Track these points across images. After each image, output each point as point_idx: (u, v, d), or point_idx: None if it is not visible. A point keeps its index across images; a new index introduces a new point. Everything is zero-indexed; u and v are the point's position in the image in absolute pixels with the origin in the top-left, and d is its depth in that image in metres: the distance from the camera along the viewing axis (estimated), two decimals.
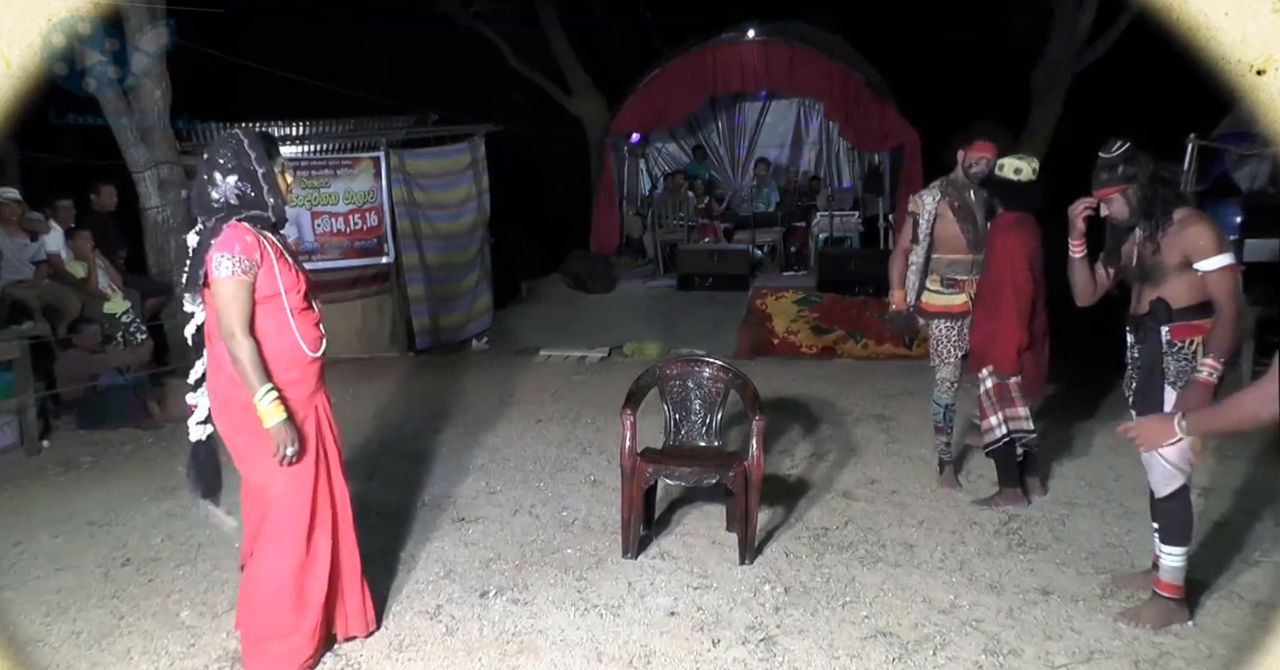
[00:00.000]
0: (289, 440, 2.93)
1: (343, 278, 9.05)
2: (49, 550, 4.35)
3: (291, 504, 3.04)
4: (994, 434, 4.53)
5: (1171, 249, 3.28)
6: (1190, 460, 3.34)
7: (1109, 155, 3.40)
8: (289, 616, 3.07)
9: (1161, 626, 3.35)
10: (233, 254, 2.86)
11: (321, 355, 3.15)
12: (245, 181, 2.95)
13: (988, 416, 4.55)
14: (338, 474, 3.23)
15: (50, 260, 7.23)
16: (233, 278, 2.86)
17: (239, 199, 2.95)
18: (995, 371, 4.52)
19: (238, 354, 2.87)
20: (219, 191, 2.94)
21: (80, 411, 6.61)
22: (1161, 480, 3.38)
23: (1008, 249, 4.45)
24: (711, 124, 13.47)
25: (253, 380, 2.88)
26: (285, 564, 3.05)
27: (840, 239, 11.10)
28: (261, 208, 2.99)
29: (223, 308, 2.88)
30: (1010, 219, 4.50)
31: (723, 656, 3.26)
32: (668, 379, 4.44)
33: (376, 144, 9.25)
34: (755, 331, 8.82)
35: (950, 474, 5.01)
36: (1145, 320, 3.39)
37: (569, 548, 4.24)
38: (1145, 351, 3.41)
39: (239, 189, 2.94)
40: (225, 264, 2.86)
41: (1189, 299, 3.29)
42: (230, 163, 2.95)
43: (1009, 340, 4.45)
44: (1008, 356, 4.47)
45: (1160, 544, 3.42)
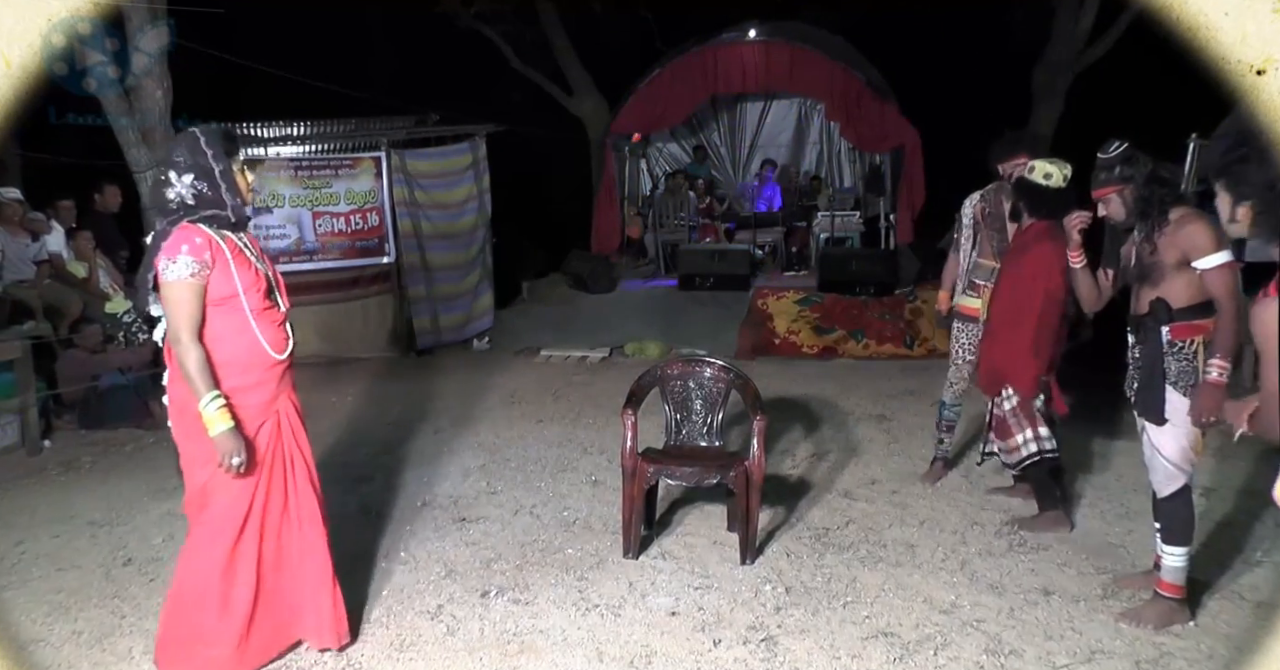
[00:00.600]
0: (234, 450, 2.84)
1: (344, 278, 9.06)
2: (50, 550, 4.35)
3: (226, 508, 2.96)
4: (1020, 454, 4.32)
5: (1169, 248, 3.28)
6: (1192, 460, 3.34)
7: (1106, 156, 3.41)
8: (211, 621, 2.98)
9: (1163, 627, 3.35)
10: (180, 256, 2.79)
11: (287, 357, 3.06)
12: (202, 180, 2.88)
13: (1013, 435, 4.34)
14: (304, 480, 3.14)
15: (52, 260, 7.24)
16: (179, 281, 2.79)
17: (196, 198, 2.88)
18: (1017, 392, 4.30)
19: (184, 360, 2.81)
20: (175, 191, 2.87)
21: (82, 411, 6.61)
22: (1163, 480, 3.38)
23: (1042, 259, 4.19)
24: (712, 124, 13.48)
25: (198, 386, 2.80)
26: (210, 567, 2.96)
27: (841, 239, 11.10)
28: (219, 207, 2.91)
29: (170, 312, 2.82)
30: (1040, 228, 4.25)
31: (724, 656, 3.26)
32: (669, 379, 4.44)
33: (378, 144, 9.25)
34: (756, 331, 8.82)
35: (940, 469, 5.04)
36: (1145, 320, 3.38)
37: (570, 548, 4.24)
38: (1146, 352, 3.40)
39: (195, 188, 2.87)
40: (172, 267, 2.79)
41: (1189, 298, 3.29)
42: (187, 161, 2.88)
43: (1029, 361, 4.23)
44: (1028, 380, 4.25)
45: (1161, 544, 3.42)
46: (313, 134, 9.39)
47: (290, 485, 3.11)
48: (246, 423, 2.94)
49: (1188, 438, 3.30)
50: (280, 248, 8.71)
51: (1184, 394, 3.28)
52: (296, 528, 3.14)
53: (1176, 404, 3.29)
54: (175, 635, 3.02)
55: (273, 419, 3.04)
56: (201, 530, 3.00)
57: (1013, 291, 4.32)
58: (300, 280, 8.86)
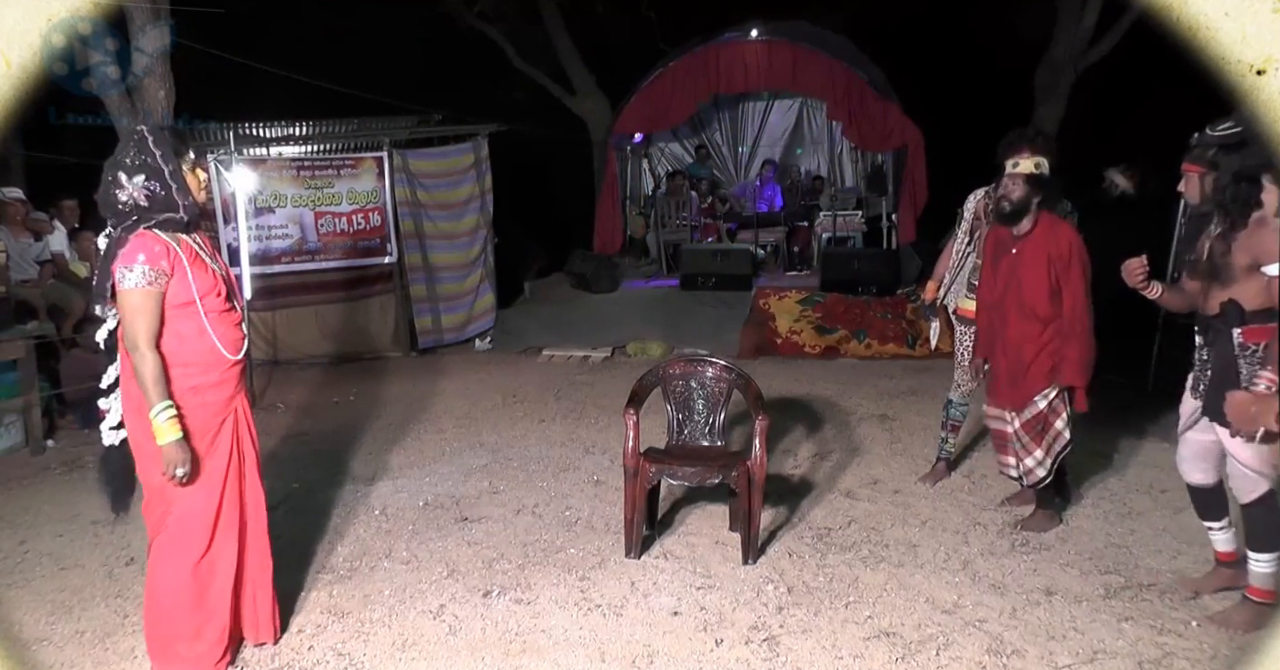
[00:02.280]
0: (180, 460, 2.86)
1: (346, 277, 9.06)
2: (53, 549, 4.36)
3: (196, 504, 3.00)
4: (1036, 475, 4.19)
5: (1242, 250, 3.16)
6: (1274, 464, 3.24)
7: (1212, 133, 3.24)
8: (189, 617, 3.03)
9: (1252, 630, 3.28)
10: (137, 265, 2.78)
11: (243, 357, 3.10)
12: (153, 180, 2.85)
13: (1023, 457, 4.21)
14: (253, 476, 3.20)
15: (55, 260, 7.25)
16: (137, 289, 2.79)
17: (148, 199, 2.86)
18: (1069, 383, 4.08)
19: (140, 368, 2.81)
20: (126, 193, 2.85)
21: (85, 411, 6.62)
22: (1243, 486, 3.32)
23: (1045, 249, 4.03)
24: (715, 123, 13.47)
25: (151, 395, 2.81)
26: (183, 564, 3.00)
27: (843, 239, 11.09)
28: (172, 209, 2.89)
29: (127, 320, 2.81)
30: (1049, 221, 4.14)
31: (726, 656, 3.26)
32: (671, 379, 4.44)
33: (380, 144, 9.26)
34: (758, 331, 8.81)
35: (942, 469, 5.04)
36: (1216, 322, 3.25)
37: (572, 547, 4.24)
38: (1217, 354, 3.26)
39: (148, 189, 2.85)
40: (129, 275, 2.78)
41: (1263, 302, 3.15)
42: (135, 161, 2.84)
43: (1079, 349, 4.00)
44: (1077, 369, 4.02)
45: (1249, 551, 3.37)
46: (315, 134, 9.40)
47: (245, 479, 3.17)
48: (208, 420, 2.99)
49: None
50: (282, 248, 8.72)
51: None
52: (252, 521, 3.21)
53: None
54: (159, 634, 3.07)
55: (231, 416, 3.09)
56: (171, 532, 3.01)
57: (1009, 291, 4.16)
58: (302, 280, 8.90)
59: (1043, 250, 4.08)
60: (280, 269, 8.70)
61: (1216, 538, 3.60)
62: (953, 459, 5.13)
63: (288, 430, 6.41)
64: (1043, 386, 4.14)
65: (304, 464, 5.57)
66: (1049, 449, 4.17)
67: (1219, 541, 3.61)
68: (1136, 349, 6.65)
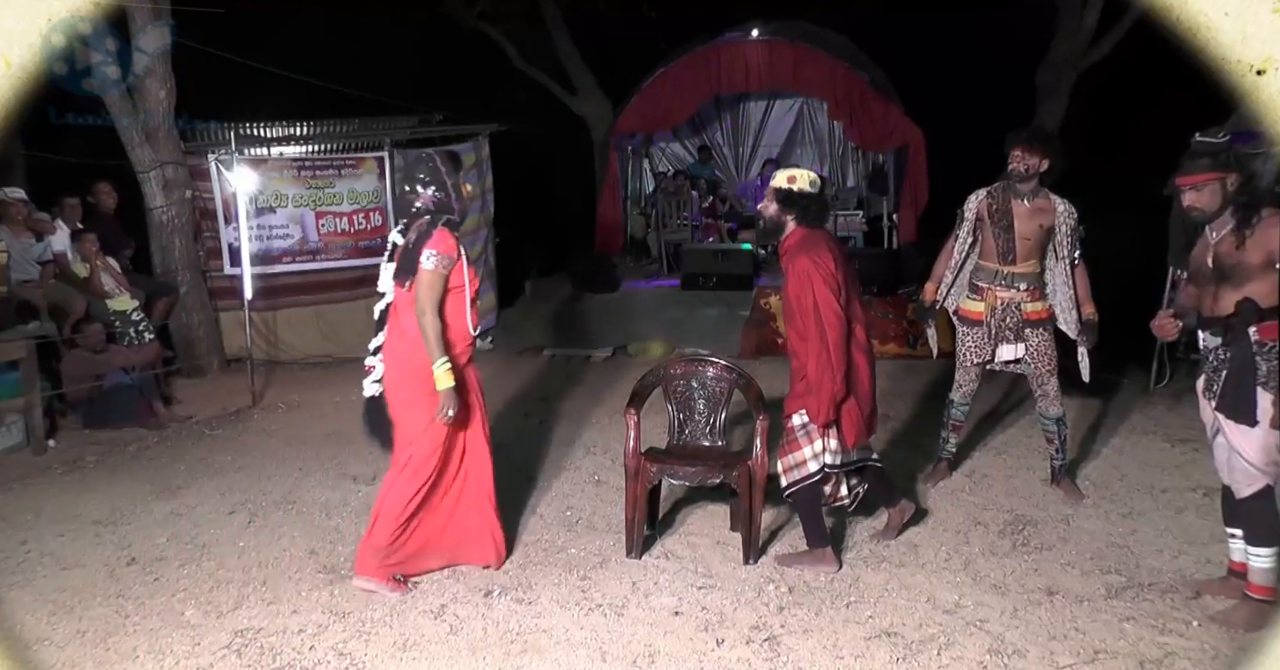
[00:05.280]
0: (452, 403, 3.61)
1: (347, 277, 9.03)
2: (55, 549, 4.36)
3: (428, 446, 3.72)
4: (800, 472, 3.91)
5: (1256, 248, 3.17)
6: (1275, 459, 3.25)
7: (1213, 140, 3.24)
8: (392, 530, 3.71)
9: (1254, 629, 3.28)
10: (439, 252, 3.62)
11: (477, 335, 3.91)
12: (440, 191, 3.75)
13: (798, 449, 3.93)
14: (479, 429, 3.88)
15: (56, 260, 7.25)
16: (435, 270, 3.61)
17: (435, 204, 3.73)
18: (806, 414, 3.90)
19: (427, 327, 3.58)
20: (420, 199, 3.74)
21: (86, 411, 6.63)
22: (1244, 481, 3.32)
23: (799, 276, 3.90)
24: (716, 123, 13.46)
25: (434, 351, 3.59)
26: (407, 491, 3.71)
27: (844, 239, 11.06)
28: (450, 211, 3.77)
29: (422, 292, 3.61)
30: (797, 236, 4.09)
31: (727, 656, 3.26)
32: (672, 379, 4.44)
33: (381, 144, 9.25)
34: (759, 331, 8.81)
35: (943, 469, 5.03)
36: (1232, 321, 3.24)
37: (573, 547, 4.24)
38: (1236, 353, 3.25)
39: (436, 197, 3.74)
40: (433, 258, 3.61)
41: (1277, 299, 3.16)
42: (427, 176, 3.74)
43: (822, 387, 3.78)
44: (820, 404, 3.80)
45: (1247, 547, 3.37)
46: (316, 134, 9.37)
47: (468, 430, 3.86)
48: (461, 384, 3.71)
49: (1274, 438, 3.21)
50: (283, 248, 8.71)
51: (1275, 395, 3.19)
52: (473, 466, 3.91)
53: (1265, 405, 3.20)
54: (368, 544, 3.75)
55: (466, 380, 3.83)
56: (410, 465, 3.73)
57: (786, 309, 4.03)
58: (303, 280, 8.89)
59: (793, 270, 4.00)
60: (281, 269, 8.68)
61: (1234, 545, 3.56)
62: (954, 459, 5.12)
63: (288, 430, 6.41)
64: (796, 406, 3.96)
65: (305, 464, 5.57)
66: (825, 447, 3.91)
67: (1235, 551, 3.56)
68: (1136, 349, 6.63)
